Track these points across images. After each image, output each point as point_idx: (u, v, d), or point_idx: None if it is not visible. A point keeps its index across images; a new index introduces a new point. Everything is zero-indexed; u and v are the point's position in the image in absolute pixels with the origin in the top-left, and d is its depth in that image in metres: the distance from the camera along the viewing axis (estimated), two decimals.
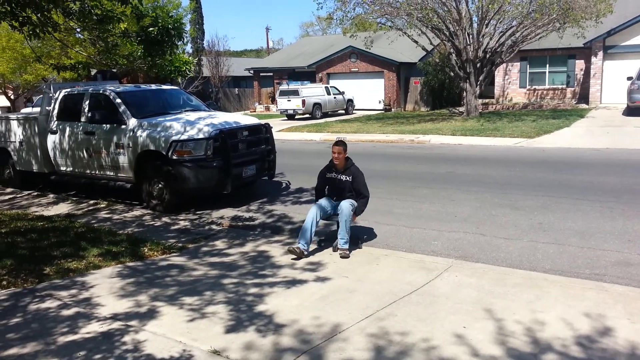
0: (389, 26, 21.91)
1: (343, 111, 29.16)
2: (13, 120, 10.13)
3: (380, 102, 30.71)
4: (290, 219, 7.34)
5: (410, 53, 29.33)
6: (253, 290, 4.46)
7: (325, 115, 27.53)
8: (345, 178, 6.06)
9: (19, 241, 6.13)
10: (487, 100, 27.85)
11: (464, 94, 22.60)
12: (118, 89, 8.84)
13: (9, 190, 10.09)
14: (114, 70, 12.57)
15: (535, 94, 27.44)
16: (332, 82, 31.29)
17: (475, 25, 20.75)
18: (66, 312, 4.10)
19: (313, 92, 27.05)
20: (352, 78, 31.55)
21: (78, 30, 8.63)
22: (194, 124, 7.85)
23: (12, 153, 10.18)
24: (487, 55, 21.14)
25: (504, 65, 25.82)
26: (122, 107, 8.30)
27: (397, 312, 3.99)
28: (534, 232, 6.18)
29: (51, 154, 9.30)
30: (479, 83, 21.17)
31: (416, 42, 21.23)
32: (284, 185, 9.80)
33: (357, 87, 31.22)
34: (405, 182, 9.55)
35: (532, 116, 20.38)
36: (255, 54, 67.99)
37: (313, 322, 3.82)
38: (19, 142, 9.94)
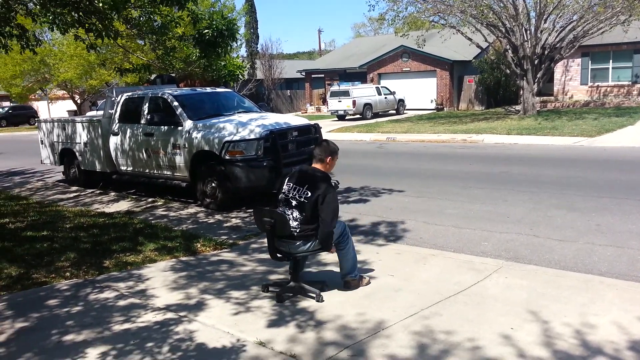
0: (442, 24, 21.56)
1: (394, 111, 28.95)
2: (78, 123, 10.77)
3: (432, 101, 30.24)
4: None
5: (464, 51, 28.70)
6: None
7: (376, 115, 27.43)
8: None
9: (82, 236, 6.52)
10: (545, 98, 26.82)
11: (521, 91, 21.88)
12: (175, 92, 9.22)
13: (74, 188, 10.72)
14: (172, 74, 13.10)
15: (597, 91, 26.16)
16: (383, 82, 31.12)
17: (532, 20, 20.03)
18: (122, 303, 4.34)
19: (364, 92, 27.02)
20: (403, 78, 31.27)
21: (139, 36, 9.07)
22: (246, 125, 8.06)
23: (77, 154, 10.82)
24: (546, 52, 20.36)
25: (564, 61, 24.78)
26: (179, 110, 8.65)
27: (443, 312, 3.95)
28: (591, 234, 5.93)
29: (113, 154, 9.81)
30: (536, 80, 20.42)
31: (470, 39, 20.76)
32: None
33: (408, 86, 30.90)
34: (456, 182, 9.39)
35: (593, 114, 19.46)
36: (308, 56, 68.60)
37: (357, 319, 3.86)
38: (84, 144, 10.55)
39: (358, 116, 26.52)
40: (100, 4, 6.26)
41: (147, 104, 9.24)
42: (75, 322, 3.98)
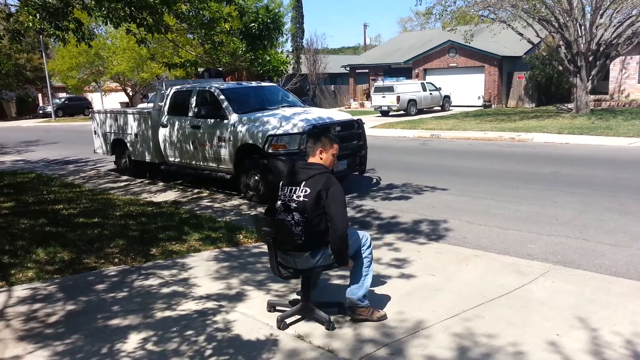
0: (492, 19, 20.97)
1: (439, 108, 28.46)
2: (129, 114, 11.14)
3: (479, 98, 29.54)
4: (379, 214, 7.34)
5: (514, 46, 27.86)
6: (336, 281, 4.56)
7: (420, 111, 27.04)
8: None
9: (131, 224, 6.75)
10: (599, 97, 25.69)
11: (574, 89, 21.03)
12: (222, 86, 9.39)
13: (124, 177, 11.10)
14: (220, 68, 13.34)
15: None
16: (429, 78, 30.63)
17: (587, 15, 19.20)
18: (166, 290, 4.47)
19: (408, 88, 26.66)
20: (450, 73, 30.67)
21: (188, 31, 9.29)
22: (289, 119, 8.12)
23: (128, 144, 11.20)
24: (601, 48, 19.48)
25: (621, 58, 23.61)
26: (225, 103, 8.81)
27: (485, 314, 3.86)
28: None
29: (162, 145, 10.10)
30: (590, 78, 19.58)
31: (521, 34, 20.11)
32: (374, 181, 9.81)
33: (455, 82, 30.29)
34: (502, 181, 9.14)
35: None
36: (353, 51, 68.33)
37: (396, 317, 3.82)
38: (134, 135, 10.91)
39: (402, 112, 26.20)
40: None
41: (194, 97, 9.45)
42: (120, 307, 4.13)
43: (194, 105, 9.37)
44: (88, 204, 8.14)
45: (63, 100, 45.25)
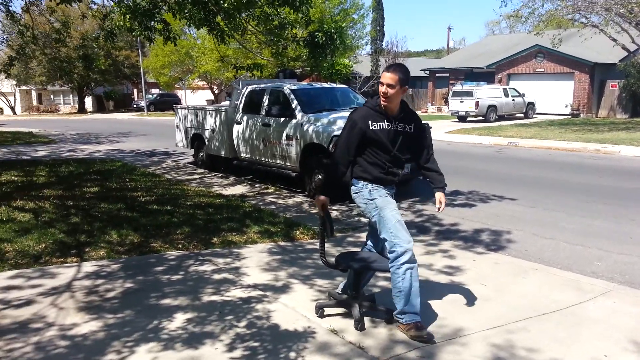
0: (582, 23, 19.76)
1: (522, 115, 27.21)
2: (208, 111, 11.76)
3: (567, 106, 27.90)
4: (439, 220, 7.23)
5: (608, 53, 26.03)
6: (382, 283, 4.58)
7: (500, 118, 26.03)
8: (407, 128, 3.75)
9: (198, 213, 7.16)
10: None
11: None
12: (293, 87, 9.68)
13: (200, 170, 11.73)
14: (297, 70, 13.73)
15: None
16: (513, 84, 29.38)
17: None
18: (217, 276, 4.72)
19: (489, 93, 25.74)
20: (535, 79, 29.23)
21: (257, 35, 9.68)
22: None
23: (205, 139, 11.82)
24: None
25: None
26: (294, 103, 9.07)
27: (531, 328, 3.73)
28: None
29: (235, 142, 10.57)
30: None
31: (615, 40, 18.81)
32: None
33: (541, 89, 28.84)
34: (578, 194, 8.65)
35: None
36: (436, 54, 67.02)
37: (435, 322, 3.79)
38: (211, 130, 11.49)
39: (480, 118, 25.37)
40: (226, 4, 6.81)
41: (267, 96, 9.82)
42: (173, 288, 4.43)
43: (266, 104, 9.73)
44: (163, 193, 8.71)
45: (155, 96, 48.47)
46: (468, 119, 25.62)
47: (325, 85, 10.93)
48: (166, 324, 3.74)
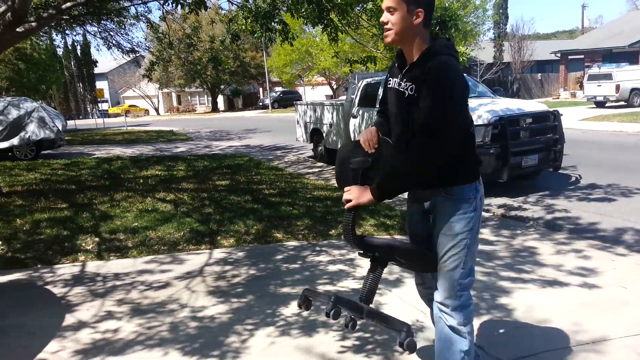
0: None
1: None
2: (325, 106, 12.05)
3: None
4: (572, 216, 6.64)
5: None
6: (502, 282, 4.33)
7: None
8: (409, 89, 2.34)
9: (317, 206, 7.37)
10: None
11: None
12: None
13: (319, 164, 12.06)
14: None
15: None
16: None
17: None
18: (332, 267, 4.83)
19: (632, 75, 22.95)
20: None
21: (369, 29, 9.68)
22: (474, 110, 7.83)
23: (323, 134, 12.13)
24: None
25: None
26: None
27: None
28: None
29: (352, 135, 10.69)
30: None
31: None
32: (572, 179, 8.85)
33: None
34: None
35: None
36: (568, 35, 61.48)
37: (569, 328, 3.50)
38: (329, 125, 11.76)
39: (622, 103, 22.74)
40: (339, 0, 6.90)
41: (381, 89, 9.77)
42: (290, 276, 4.63)
43: (380, 96, 9.68)
44: (285, 186, 9.10)
45: (278, 93, 50.91)
46: (607, 105, 23.13)
47: None
48: (282, 309, 3.93)
